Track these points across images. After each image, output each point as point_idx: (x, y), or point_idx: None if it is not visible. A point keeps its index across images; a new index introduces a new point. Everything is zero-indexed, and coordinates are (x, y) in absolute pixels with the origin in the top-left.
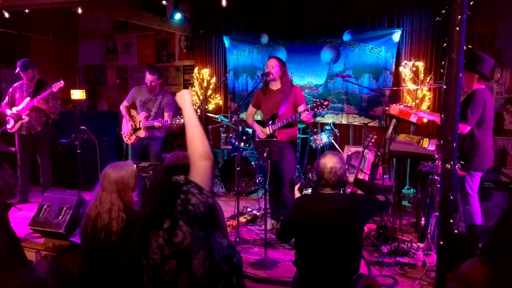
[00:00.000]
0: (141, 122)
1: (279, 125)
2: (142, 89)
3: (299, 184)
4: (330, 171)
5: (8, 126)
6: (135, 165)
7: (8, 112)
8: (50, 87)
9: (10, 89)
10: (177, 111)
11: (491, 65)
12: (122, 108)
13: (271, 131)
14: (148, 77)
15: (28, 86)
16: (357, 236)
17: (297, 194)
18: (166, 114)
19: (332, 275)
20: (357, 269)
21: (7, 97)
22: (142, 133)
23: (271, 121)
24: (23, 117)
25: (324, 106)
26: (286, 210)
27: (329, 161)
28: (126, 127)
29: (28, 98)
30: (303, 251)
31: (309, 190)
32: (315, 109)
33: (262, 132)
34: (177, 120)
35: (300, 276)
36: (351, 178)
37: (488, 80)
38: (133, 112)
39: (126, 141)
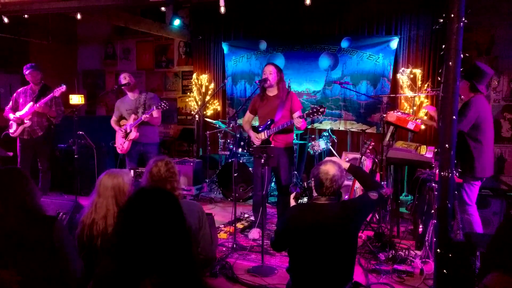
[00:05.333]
0: (130, 125)
1: (274, 131)
2: (123, 100)
3: (294, 193)
4: (332, 179)
5: (11, 131)
6: (131, 172)
7: (11, 116)
8: (52, 92)
9: (14, 94)
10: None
11: (487, 78)
12: (112, 123)
13: (265, 137)
14: (124, 74)
15: (32, 91)
16: (350, 244)
17: (292, 203)
18: (154, 111)
19: (326, 283)
20: (351, 277)
21: (11, 102)
22: (133, 135)
23: (266, 127)
24: (25, 121)
25: (320, 113)
26: (280, 220)
27: (331, 169)
28: (118, 138)
29: (31, 103)
30: (296, 259)
31: (305, 199)
32: (311, 116)
33: (256, 139)
34: (162, 104)
35: (293, 284)
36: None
37: (480, 92)
38: (123, 122)
39: (120, 151)
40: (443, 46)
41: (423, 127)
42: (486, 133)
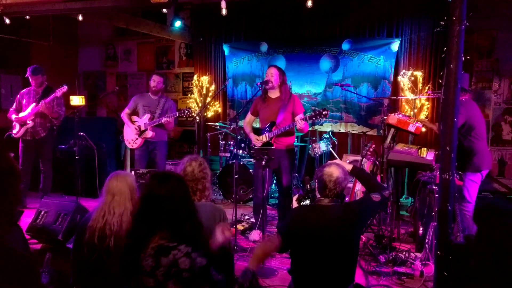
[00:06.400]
0: (145, 123)
1: (276, 133)
2: (144, 95)
3: (297, 195)
4: (335, 181)
5: (14, 131)
6: (133, 173)
7: (14, 117)
8: (54, 93)
9: (18, 96)
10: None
11: (467, 79)
12: (124, 115)
13: (267, 139)
14: (155, 77)
15: (36, 92)
16: (353, 246)
17: (294, 205)
18: (169, 114)
19: (327, 285)
20: (352, 279)
21: (14, 103)
22: (149, 134)
23: (268, 129)
24: (28, 122)
25: (323, 116)
26: (283, 221)
27: (334, 171)
28: (129, 133)
29: (34, 104)
30: (298, 261)
31: (307, 202)
32: (314, 118)
33: (257, 141)
34: (185, 111)
35: (295, 285)
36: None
37: (468, 92)
38: (134, 117)
39: (131, 146)
40: (445, 48)
41: (423, 129)
42: (480, 131)
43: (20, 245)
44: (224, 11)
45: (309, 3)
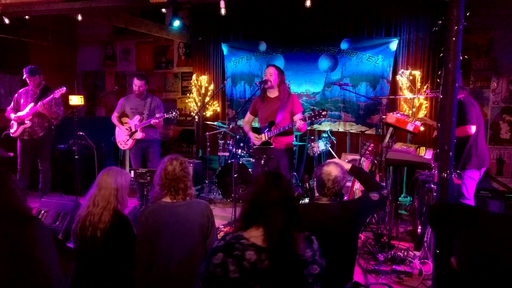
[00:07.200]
0: (136, 125)
1: (275, 132)
2: (129, 98)
3: (296, 193)
4: (334, 180)
5: (11, 131)
6: (132, 173)
7: (12, 116)
8: (53, 93)
9: (16, 95)
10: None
11: (460, 77)
12: (114, 118)
13: (266, 138)
14: (136, 82)
15: (33, 92)
16: (351, 245)
17: None
18: (158, 115)
19: (326, 283)
20: (351, 277)
21: (12, 103)
22: (139, 135)
23: (267, 128)
24: (26, 121)
25: (322, 116)
26: None
27: (333, 170)
28: (120, 135)
29: (32, 104)
30: None
31: (306, 200)
32: (313, 118)
33: (257, 139)
34: (173, 113)
35: None
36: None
37: (465, 90)
38: (125, 119)
39: (123, 147)
40: (443, 48)
41: (422, 128)
42: (480, 128)
43: (46, 240)
44: (223, 11)
45: (308, 3)
